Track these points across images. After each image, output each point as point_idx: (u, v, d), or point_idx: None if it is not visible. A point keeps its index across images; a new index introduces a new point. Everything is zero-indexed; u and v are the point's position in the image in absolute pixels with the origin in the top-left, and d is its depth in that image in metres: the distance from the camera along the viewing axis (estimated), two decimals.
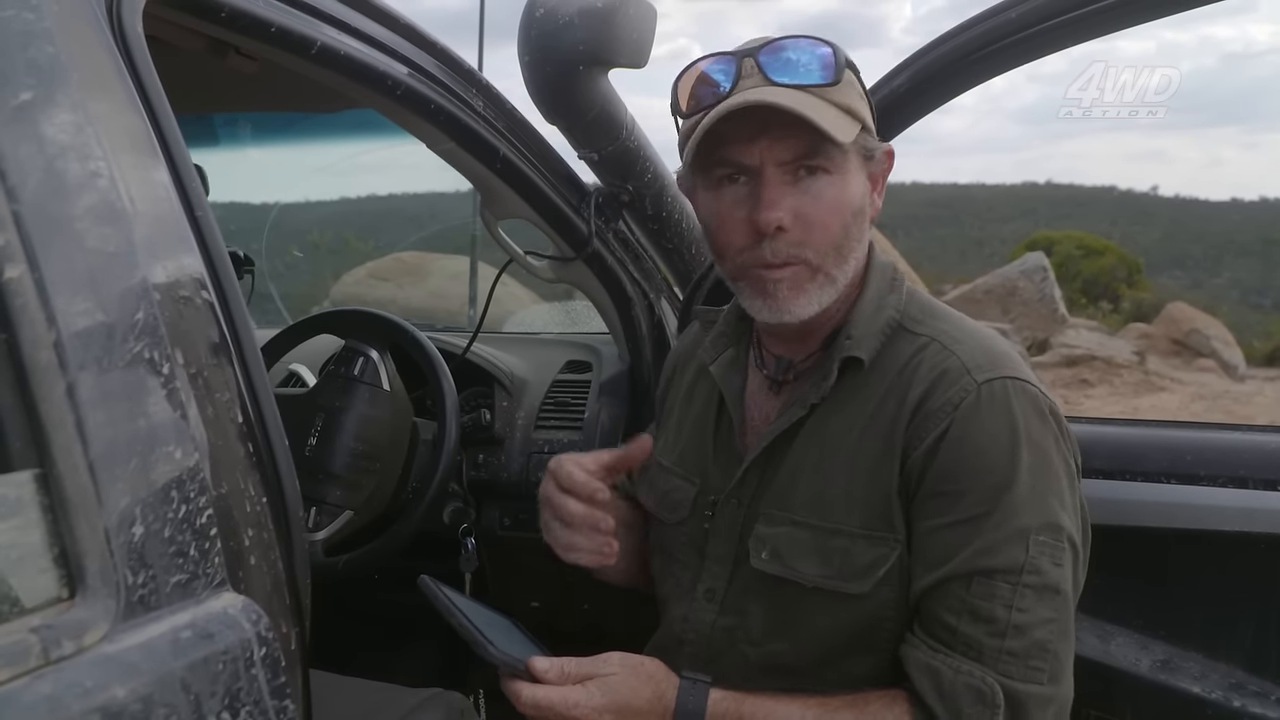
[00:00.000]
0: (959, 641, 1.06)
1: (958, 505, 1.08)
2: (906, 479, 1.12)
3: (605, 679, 1.07)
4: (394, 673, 2.09)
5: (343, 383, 1.82)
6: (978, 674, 1.04)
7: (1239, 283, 29.85)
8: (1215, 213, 44.43)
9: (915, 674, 1.08)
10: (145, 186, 0.84)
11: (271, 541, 0.89)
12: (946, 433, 1.09)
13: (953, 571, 1.07)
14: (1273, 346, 15.87)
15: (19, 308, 0.68)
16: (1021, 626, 1.05)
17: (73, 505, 0.68)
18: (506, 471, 2.03)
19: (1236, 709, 1.39)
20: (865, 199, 1.17)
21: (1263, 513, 1.42)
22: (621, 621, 1.96)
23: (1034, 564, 1.06)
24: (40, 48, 0.76)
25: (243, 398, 0.89)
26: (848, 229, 1.14)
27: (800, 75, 1.10)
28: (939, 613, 1.09)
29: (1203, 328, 13.26)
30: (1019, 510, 1.06)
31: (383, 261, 10.67)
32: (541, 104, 1.69)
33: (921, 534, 1.11)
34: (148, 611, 0.72)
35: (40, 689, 0.61)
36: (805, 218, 1.12)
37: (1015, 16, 1.36)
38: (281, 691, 0.79)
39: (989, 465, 1.08)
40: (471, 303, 4.58)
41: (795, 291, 1.15)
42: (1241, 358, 13.24)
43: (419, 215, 16.71)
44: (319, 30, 1.25)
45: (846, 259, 1.16)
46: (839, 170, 1.12)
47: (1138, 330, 14.20)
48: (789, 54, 1.11)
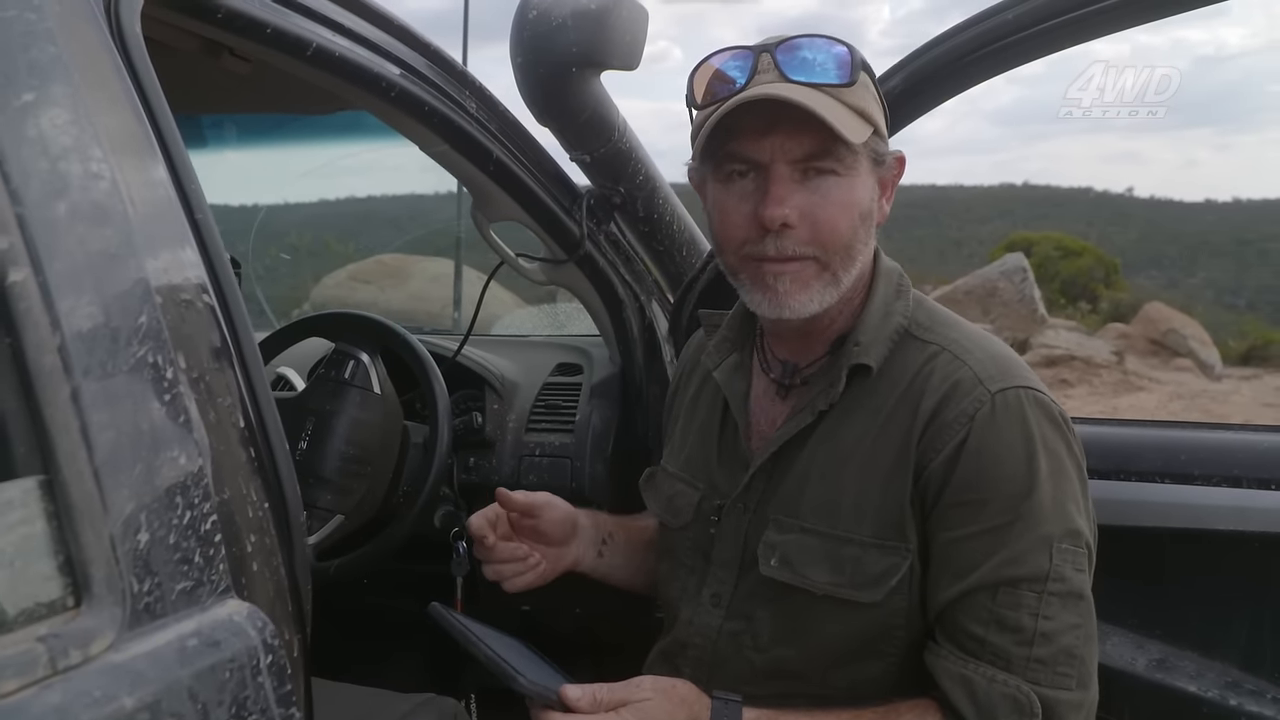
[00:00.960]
0: (987, 651, 1.07)
1: (980, 515, 1.09)
2: (922, 490, 1.13)
3: (639, 705, 1.06)
4: (383, 678, 2.07)
5: (333, 386, 1.80)
6: (1012, 683, 1.05)
7: (1213, 283, 30.14)
8: (1190, 213, 44.89)
9: (947, 684, 1.08)
10: (146, 188, 0.83)
11: (274, 547, 0.88)
12: (965, 444, 1.10)
13: (979, 582, 1.08)
14: (1247, 346, 16.02)
15: (23, 311, 0.66)
16: (1049, 634, 1.05)
17: (78, 512, 0.67)
18: (498, 474, 2.02)
19: (1233, 708, 1.40)
20: (873, 203, 1.17)
21: (1256, 511, 1.43)
22: (612, 624, 1.96)
23: (1058, 571, 1.06)
24: (43, 48, 0.75)
25: (244, 402, 0.88)
26: (855, 231, 1.14)
27: (816, 74, 1.10)
28: (965, 623, 1.09)
29: (1180, 327, 13.38)
30: (1041, 519, 1.07)
31: (364, 264, 10.63)
32: (534, 106, 1.68)
33: (943, 544, 1.12)
34: (153, 619, 0.71)
35: (49, 699, 0.60)
36: (812, 216, 1.12)
37: (1011, 18, 1.37)
38: (288, 700, 0.78)
39: (1008, 475, 1.08)
40: (456, 305, 4.56)
41: (798, 286, 1.14)
42: (1218, 357, 13.37)
43: (399, 217, 16.65)
44: (314, 31, 1.24)
45: (853, 260, 1.16)
46: (849, 172, 1.12)
47: (1116, 330, 14.32)
48: (805, 52, 1.11)
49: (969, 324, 1.24)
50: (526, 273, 1.91)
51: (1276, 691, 1.42)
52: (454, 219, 5.56)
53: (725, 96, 1.11)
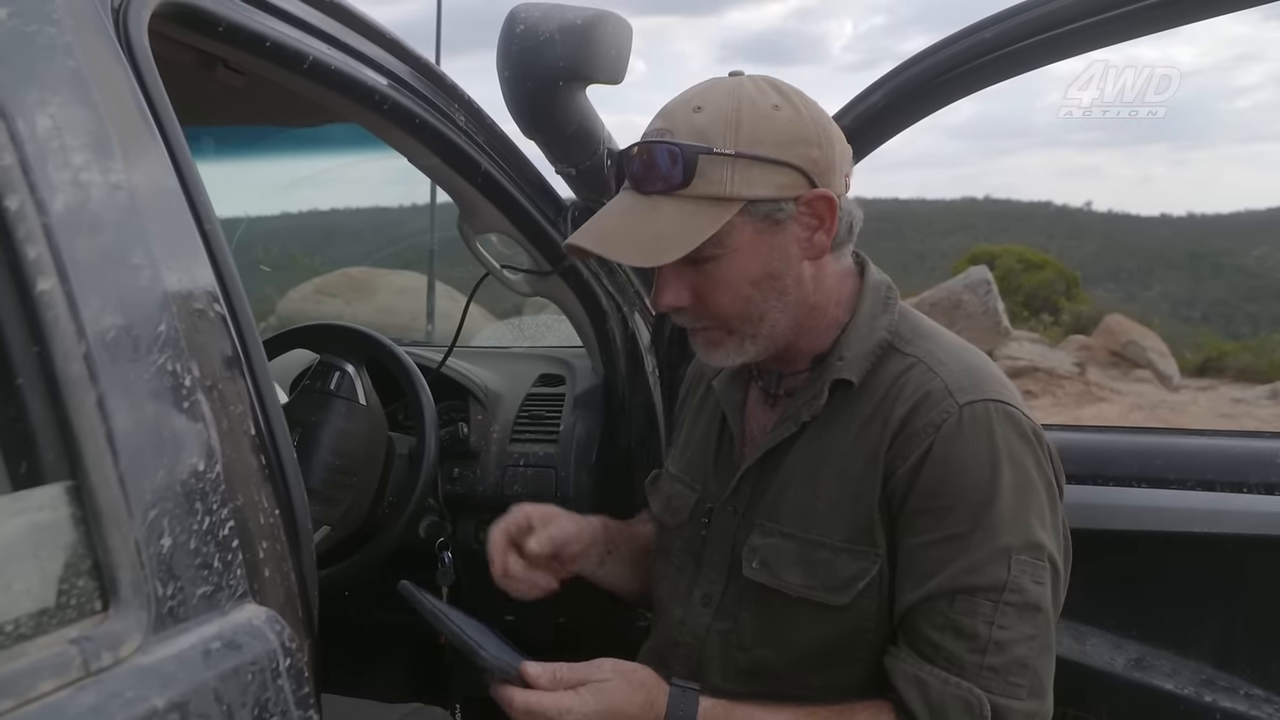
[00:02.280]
0: (941, 656, 1.09)
1: (942, 523, 1.11)
2: (889, 495, 1.15)
3: (599, 684, 1.08)
4: (367, 688, 2.07)
5: (319, 397, 1.80)
6: (964, 686, 1.07)
7: (1169, 295, 30.63)
8: (1146, 227, 45.55)
9: (902, 685, 1.10)
10: (160, 199, 0.84)
11: (284, 553, 0.90)
12: (929, 453, 1.12)
13: (937, 589, 1.10)
14: (1203, 358, 16.27)
15: (51, 320, 0.68)
16: (1002, 643, 1.07)
17: (105, 517, 0.68)
18: (482, 485, 2.03)
19: (1208, 704, 1.43)
20: (775, 262, 1.16)
21: (1229, 514, 1.47)
22: (597, 635, 1.97)
23: (1016, 582, 1.08)
24: (63, 61, 0.76)
25: (254, 410, 0.90)
26: (749, 299, 1.17)
27: (659, 180, 1.12)
28: (923, 628, 1.11)
29: (1139, 339, 13.58)
30: (1001, 530, 1.09)
31: (330, 277, 10.53)
32: (520, 119, 1.70)
33: (907, 550, 1.14)
34: (177, 623, 0.72)
35: (84, 700, 0.61)
36: (701, 296, 1.17)
37: (990, 36, 1.40)
38: (306, 702, 0.79)
39: (971, 484, 1.10)
40: (430, 318, 4.56)
41: (711, 348, 1.22)
42: (1176, 368, 13.58)
43: (362, 230, 16.52)
44: (311, 45, 1.25)
45: (760, 322, 1.18)
46: (729, 248, 1.13)
47: (1078, 342, 14.50)
48: (642, 161, 1.13)
49: (951, 337, 1.26)
50: (511, 284, 1.93)
51: (1249, 688, 1.46)
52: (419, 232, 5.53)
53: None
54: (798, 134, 1.12)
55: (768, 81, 1.16)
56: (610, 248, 1.17)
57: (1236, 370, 15.03)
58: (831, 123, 1.18)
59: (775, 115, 1.12)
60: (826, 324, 1.23)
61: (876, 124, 1.56)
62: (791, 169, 1.12)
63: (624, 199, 1.16)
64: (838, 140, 1.17)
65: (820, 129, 1.14)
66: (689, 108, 1.13)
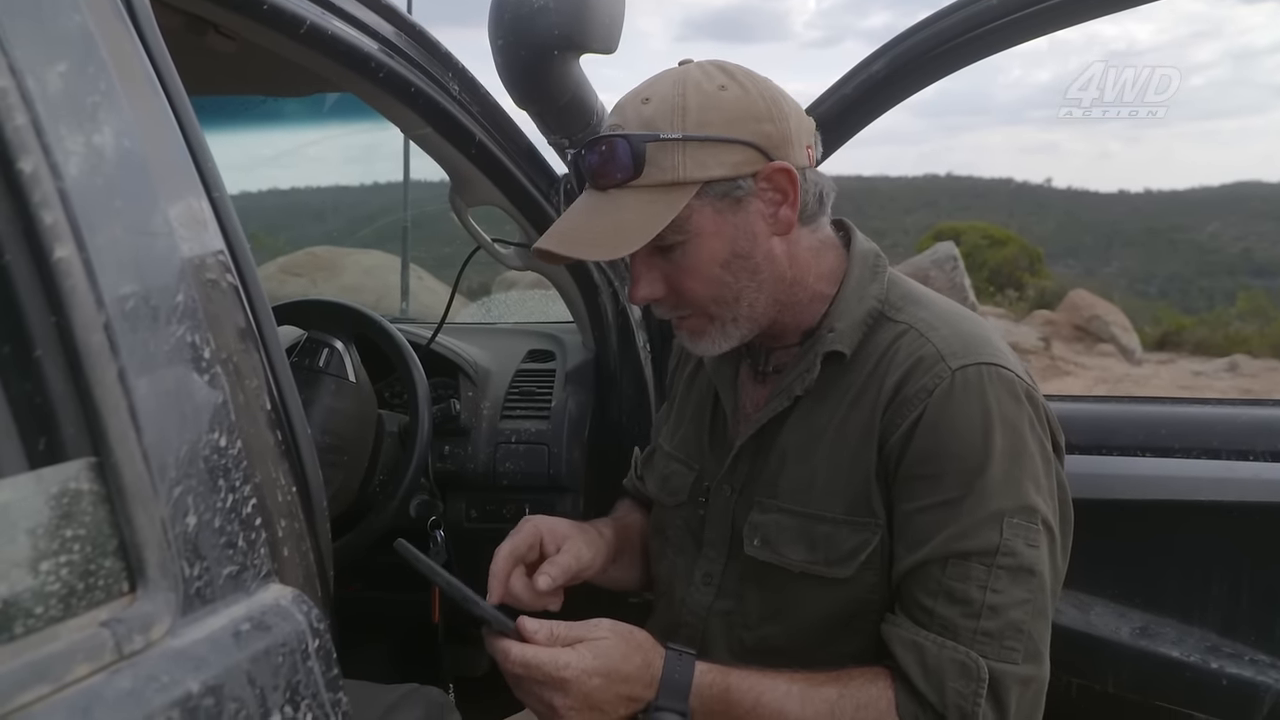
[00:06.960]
0: (935, 622, 1.09)
1: (935, 489, 1.11)
2: (884, 463, 1.15)
3: (596, 643, 1.08)
4: (360, 669, 2.04)
5: (307, 375, 1.77)
6: (961, 650, 1.07)
7: (1127, 271, 31.08)
8: (1104, 204, 46.15)
9: (899, 650, 1.10)
10: (170, 165, 0.80)
11: (303, 532, 0.87)
12: (921, 418, 1.11)
13: (930, 554, 1.10)
14: (1162, 332, 16.55)
15: (70, 289, 0.64)
16: (996, 607, 1.07)
17: (131, 494, 0.65)
18: (473, 462, 2.00)
19: (1214, 670, 1.45)
20: (741, 241, 1.16)
21: (1233, 482, 1.48)
22: (586, 615, 1.96)
23: (1009, 546, 1.08)
24: (70, 16, 0.72)
25: (269, 384, 0.86)
26: (721, 281, 1.17)
27: (614, 174, 1.13)
28: (917, 594, 1.11)
29: (1103, 314, 13.77)
30: (993, 493, 1.09)
31: (295, 256, 10.44)
32: (514, 89, 1.66)
33: (901, 516, 1.14)
34: (204, 604, 0.69)
35: (120, 684, 0.59)
36: (674, 284, 1.18)
37: (996, 3, 1.39)
38: (335, 684, 0.76)
39: (963, 449, 1.10)
40: (404, 295, 4.52)
41: (696, 336, 1.22)
42: (1138, 342, 13.79)
43: (323, 209, 16.35)
44: (307, 9, 1.21)
45: (736, 303, 1.19)
46: (692, 233, 1.14)
47: (1042, 317, 14.67)
48: (595, 157, 1.15)
49: (944, 302, 1.25)
50: (503, 259, 1.90)
51: (1254, 653, 1.47)
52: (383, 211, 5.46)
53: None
54: (745, 110, 1.13)
55: (715, 65, 1.16)
56: (574, 246, 1.18)
57: (1194, 344, 15.31)
58: (787, 97, 1.17)
59: (721, 95, 1.12)
60: (809, 297, 1.22)
61: (877, 93, 1.54)
62: (744, 145, 1.12)
63: (585, 198, 1.18)
64: (793, 114, 1.16)
65: (770, 104, 1.14)
66: (637, 100, 1.14)
